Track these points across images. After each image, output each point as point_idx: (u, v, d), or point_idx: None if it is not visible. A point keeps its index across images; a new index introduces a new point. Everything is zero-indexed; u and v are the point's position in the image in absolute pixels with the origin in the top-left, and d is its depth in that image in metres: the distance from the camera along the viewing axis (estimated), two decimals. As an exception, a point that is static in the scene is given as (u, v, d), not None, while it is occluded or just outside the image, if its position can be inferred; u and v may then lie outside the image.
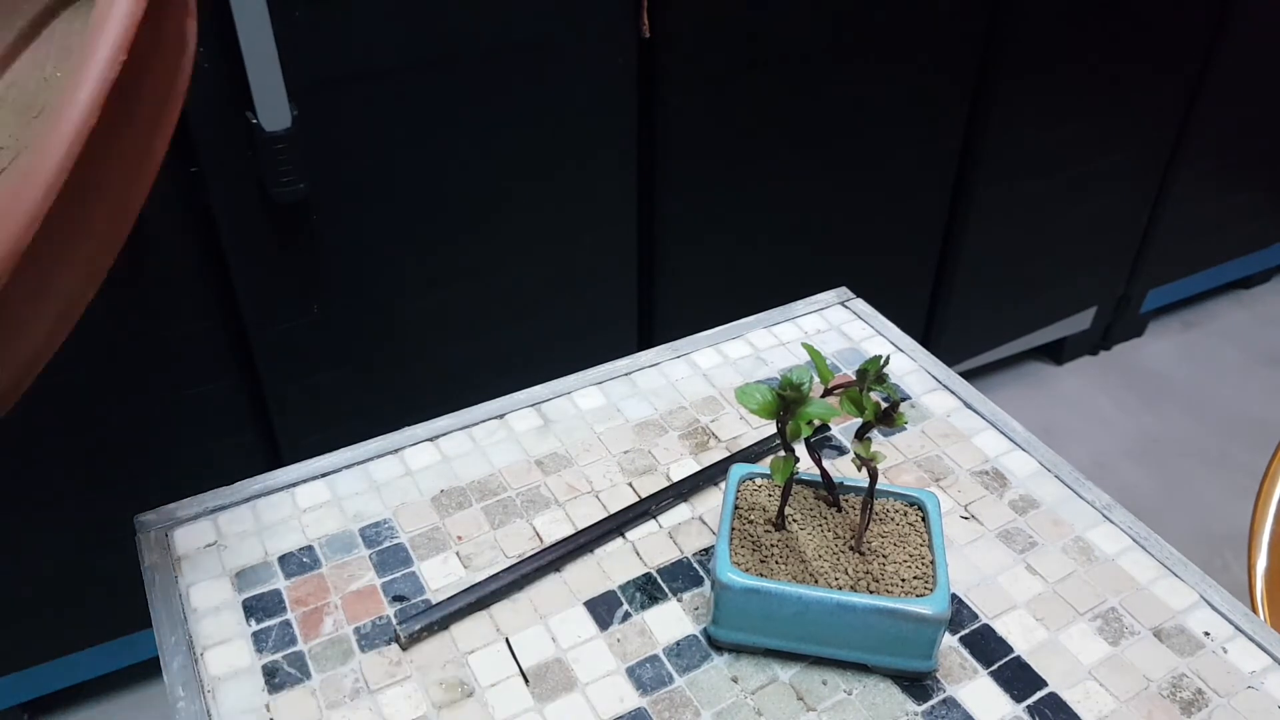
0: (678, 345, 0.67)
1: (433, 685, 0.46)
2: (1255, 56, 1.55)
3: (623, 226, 1.19)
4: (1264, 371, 1.80)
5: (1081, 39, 1.37)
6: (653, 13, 1.06)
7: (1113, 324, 1.80)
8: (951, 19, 1.25)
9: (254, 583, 0.51)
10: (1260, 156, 1.71)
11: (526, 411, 0.61)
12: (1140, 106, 1.50)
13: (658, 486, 0.57)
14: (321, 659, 0.47)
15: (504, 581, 0.50)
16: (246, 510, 0.55)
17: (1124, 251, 1.69)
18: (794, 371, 0.45)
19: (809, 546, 0.48)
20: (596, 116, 1.10)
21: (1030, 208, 1.49)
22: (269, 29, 0.88)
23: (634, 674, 0.47)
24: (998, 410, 0.62)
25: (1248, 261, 1.89)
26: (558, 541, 0.52)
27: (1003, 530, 0.54)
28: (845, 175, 1.30)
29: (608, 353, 0.67)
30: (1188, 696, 0.46)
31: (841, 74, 1.21)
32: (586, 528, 0.53)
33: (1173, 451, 1.64)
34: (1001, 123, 1.36)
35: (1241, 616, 0.50)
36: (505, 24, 0.99)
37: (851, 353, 0.66)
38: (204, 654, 0.47)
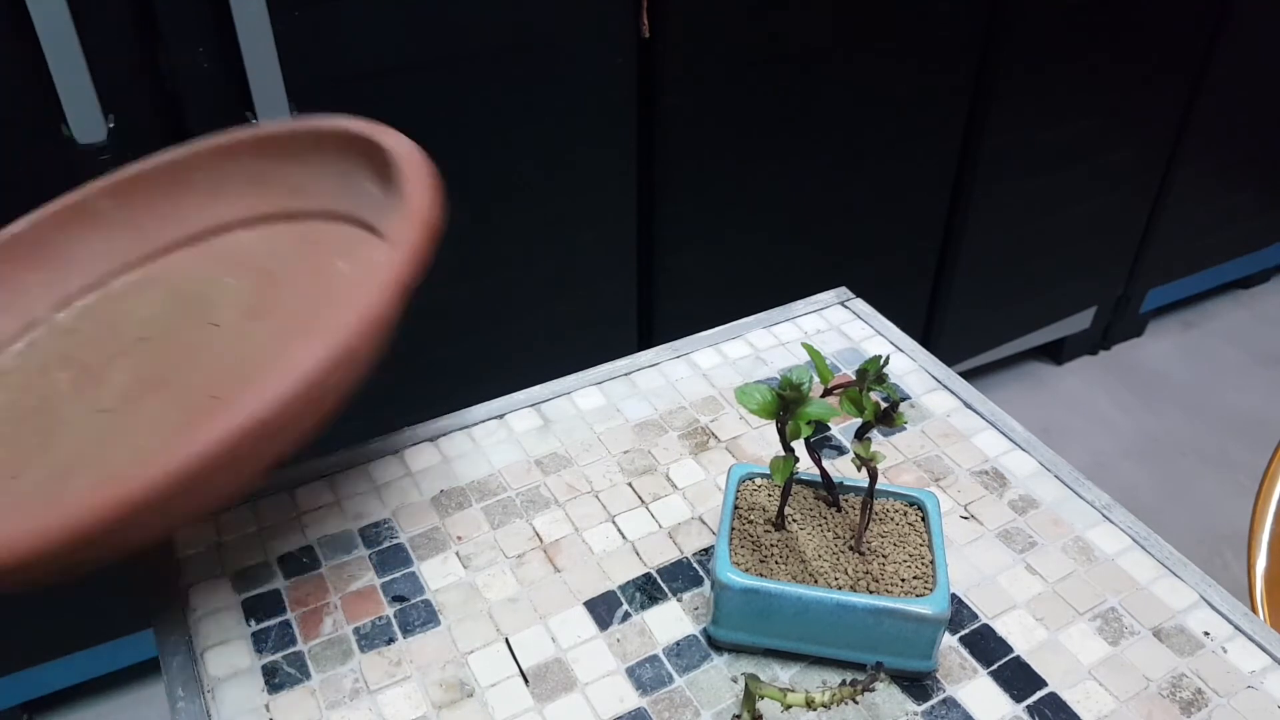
0: (677, 345, 0.67)
1: (433, 685, 0.46)
2: (1255, 56, 1.55)
3: (623, 226, 1.19)
4: (1264, 371, 1.80)
5: (1081, 39, 1.37)
6: (653, 12, 1.06)
7: (1112, 324, 1.80)
8: (951, 19, 1.25)
9: (254, 583, 0.51)
10: (1260, 156, 1.71)
11: (526, 411, 0.61)
12: (1140, 106, 1.50)
13: (658, 486, 0.57)
14: (321, 659, 0.47)
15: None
16: (246, 510, 0.55)
17: (1124, 251, 1.69)
18: (794, 371, 0.45)
19: (809, 546, 0.48)
20: (596, 116, 1.10)
21: (1030, 207, 1.49)
22: (269, 29, 0.88)
23: (634, 674, 0.47)
24: (997, 410, 0.62)
25: (1248, 261, 1.89)
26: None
27: (1002, 530, 0.54)
28: (845, 175, 1.30)
29: (608, 353, 0.67)
30: (1187, 696, 0.46)
31: (841, 74, 1.21)
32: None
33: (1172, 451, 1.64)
34: (1001, 123, 1.37)
35: (1241, 616, 0.50)
36: (505, 24, 1.00)
37: (851, 353, 0.66)
38: (204, 654, 0.47)
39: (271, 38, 0.88)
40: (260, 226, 0.58)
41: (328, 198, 0.57)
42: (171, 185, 0.59)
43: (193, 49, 0.89)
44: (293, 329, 0.51)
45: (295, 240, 0.57)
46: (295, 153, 0.57)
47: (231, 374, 0.50)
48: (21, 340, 0.57)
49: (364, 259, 0.53)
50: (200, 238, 0.59)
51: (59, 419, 0.51)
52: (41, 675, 1.18)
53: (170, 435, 0.47)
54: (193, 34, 0.89)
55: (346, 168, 0.55)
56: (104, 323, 0.57)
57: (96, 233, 0.58)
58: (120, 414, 0.50)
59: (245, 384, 0.46)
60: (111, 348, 0.55)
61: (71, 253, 0.58)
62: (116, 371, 0.53)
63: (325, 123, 0.56)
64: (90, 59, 0.85)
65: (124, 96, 0.89)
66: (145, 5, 0.87)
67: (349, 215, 0.56)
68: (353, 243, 0.55)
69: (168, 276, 0.58)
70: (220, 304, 0.55)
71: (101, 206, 0.58)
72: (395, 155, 0.50)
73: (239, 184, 0.58)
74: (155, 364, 0.53)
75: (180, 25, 0.88)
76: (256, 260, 0.57)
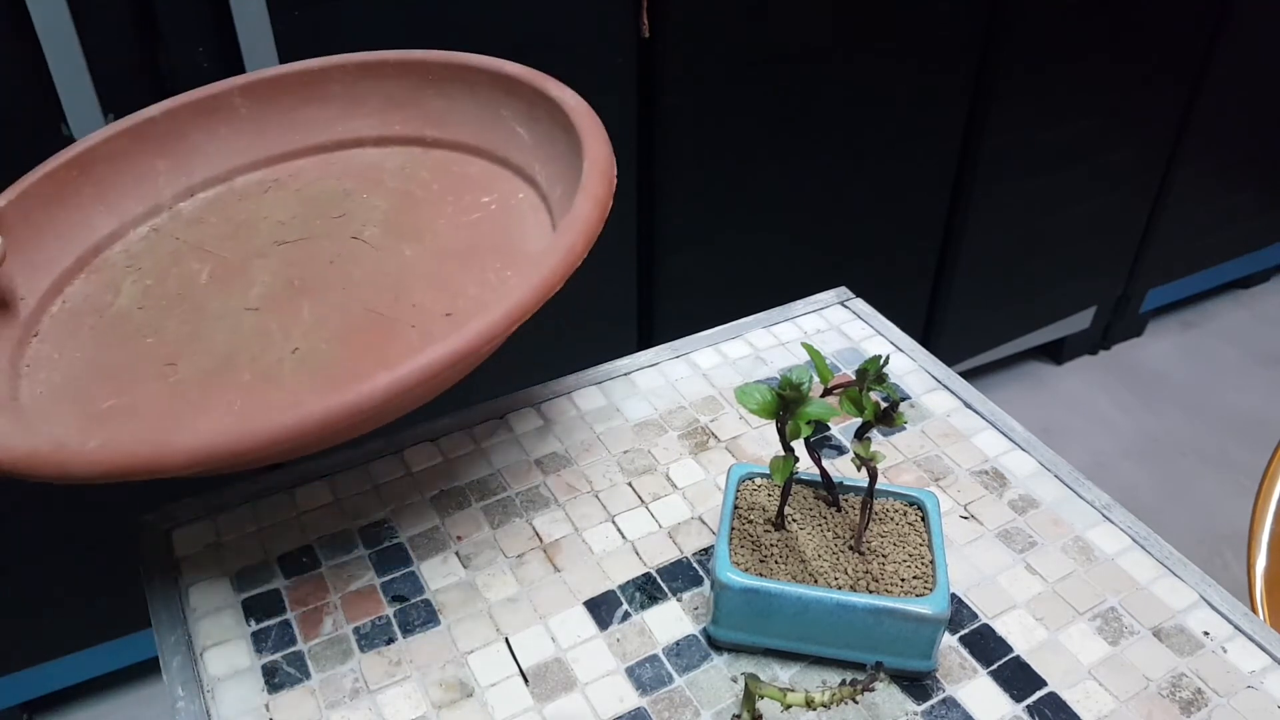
0: (677, 345, 0.67)
1: (432, 685, 0.46)
2: (1255, 57, 1.55)
3: (623, 226, 1.19)
4: (1264, 371, 1.80)
5: (1081, 38, 1.37)
6: (653, 12, 1.06)
7: (1112, 324, 1.80)
8: (951, 19, 1.25)
9: (254, 583, 0.51)
10: (1260, 156, 1.71)
11: (526, 411, 0.61)
12: (1140, 106, 1.50)
13: (658, 486, 0.57)
14: (321, 659, 0.47)
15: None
16: (246, 510, 0.55)
17: (1124, 251, 1.69)
18: (794, 371, 0.45)
19: (808, 546, 0.48)
20: (596, 116, 1.10)
21: (1030, 208, 1.49)
22: (269, 29, 0.88)
23: (634, 674, 0.47)
24: (997, 410, 0.62)
25: (1247, 261, 1.89)
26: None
27: (1002, 530, 0.54)
28: (845, 175, 1.30)
29: (608, 353, 0.67)
30: (1187, 696, 0.46)
31: (841, 74, 1.21)
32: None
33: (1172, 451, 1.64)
34: (1001, 123, 1.37)
35: (1241, 616, 0.50)
36: (505, 24, 1.00)
37: (851, 353, 0.66)
38: (204, 654, 0.47)
39: (271, 38, 0.88)
40: (392, 147, 0.60)
41: (469, 131, 0.58)
42: (308, 93, 0.60)
43: (192, 49, 0.89)
44: (450, 255, 0.52)
45: (431, 167, 0.58)
46: (439, 83, 0.58)
47: (390, 291, 0.51)
48: (146, 224, 0.58)
49: (512, 197, 0.55)
50: (329, 148, 0.60)
51: (206, 312, 0.52)
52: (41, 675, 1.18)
53: (336, 345, 0.48)
54: (193, 34, 0.89)
55: (495, 107, 0.57)
56: (234, 220, 0.57)
57: (227, 127, 0.59)
58: (272, 315, 0.51)
59: (409, 303, 0.49)
60: (248, 247, 0.55)
61: (200, 144, 0.59)
62: (258, 272, 0.54)
63: (478, 60, 0.57)
64: (90, 58, 0.85)
65: (124, 96, 0.89)
66: (145, 5, 0.87)
67: (491, 152, 0.57)
68: (494, 179, 0.56)
69: (295, 181, 0.59)
70: (360, 218, 0.56)
71: (236, 103, 0.59)
72: (569, 108, 0.52)
73: (376, 102, 0.60)
74: (298, 269, 0.53)
75: (180, 25, 0.88)
76: (390, 179, 0.58)
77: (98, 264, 0.56)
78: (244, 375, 0.48)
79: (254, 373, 0.48)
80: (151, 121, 0.58)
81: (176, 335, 0.51)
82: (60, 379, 0.49)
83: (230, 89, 0.59)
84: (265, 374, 0.47)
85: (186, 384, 0.48)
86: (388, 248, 0.54)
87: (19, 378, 0.49)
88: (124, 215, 0.57)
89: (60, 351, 0.51)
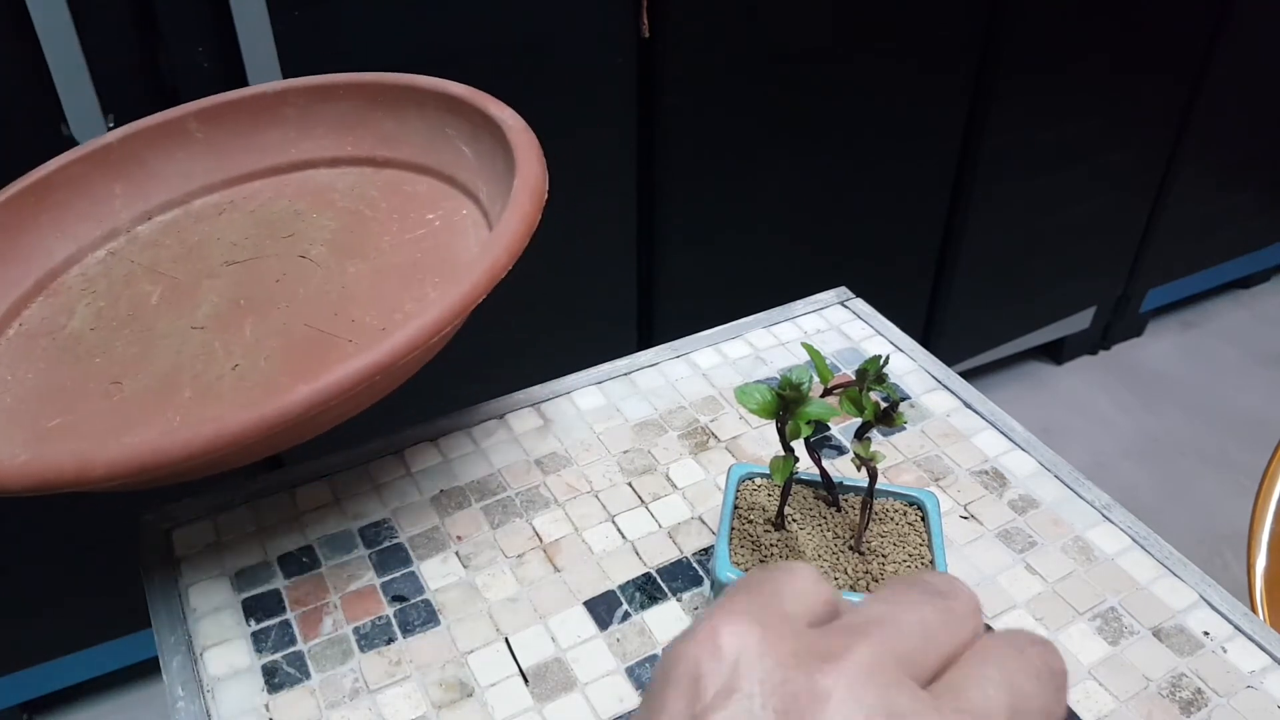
0: (677, 345, 0.67)
1: (432, 685, 0.46)
2: (1255, 56, 1.55)
3: (622, 226, 1.19)
4: (1264, 371, 1.80)
5: (1081, 38, 1.37)
6: (653, 12, 1.06)
7: (1112, 324, 1.80)
8: (951, 19, 1.25)
9: (253, 583, 0.51)
10: (1260, 156, 1.71)
11: (526, 411, 0.61)
12: (1140, 106, 1.50)
13: (658, 486, 0.57)
14: (321, 659, 0.47)
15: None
16: (246, 510, 0.55)
17: (1124, 251, 1.69)
18: (794, 371, 0.45)
19: (808, 546, 0.48)
20: (596, 116, 1.10)
21: (1030, 207, 1.49)
22: (269, 29, 0.88)
23: (633, 674, 0.47)
24: (997, 410, 0.62)
25: (1247, 261, 1.89)
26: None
27: (1002, 530, 0.54)
28: (845, 175, 1.31)
29: (608, 353, 0.67)
30: (1187, 696, 0.46)
31: (841, 74, 1.21)
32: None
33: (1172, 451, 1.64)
34: (1001, 123, 1.37)
35: (1241, 616, 0.50)
36: (505, 24, 1.00)
37: (851, 353, 0.66)
38: (203, 654, 0.47)
39: (271, 38, 0.88)
40: (344, 167, 0.61)
41: (417, 150, 0.60)
42: (262, 116, 0.61)
43: (192, 48, 0.89)
44: (392, 271, 0.54)
45: (380, 186, 0.60)
46: (389, 103, 0.60)
47: (331, 308, 0.52)
48: (103, 249, 0.59)
49: (456, 214, 0.56)
50: (283, 170, 0.62)
51: (154, 332, 0.53)
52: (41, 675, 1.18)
53: (275, 361, 0.50)
54: (192, 33, 0.89)
55: (441, 126, 0.58)
56: (188, 242, 0.59)
57: (183, 152, 0.61)
58: (216, 333, 0.52)
59: (348, 319, 0.51)
60: (199, 268, 0.57)
61: (157, 168, 0.60)
62: (207, 292, 0.55)
63: (426, 81, 0.59)
64: (90, 59, 0.85)
65: (124, 96, 0.89)
66: (145, 5, 0.87)
67: (437, 170, 0.59)
68: (440, 197, 0.58)
69: (250, 203, 0.61)
70: (308, 238, 0.57)
71: (191, 127, 0.60)
72: (507, 127, 0.53)
73: (330, 124, 0.61)
74: (246, 288, 0.55)
75: (180, 25, 0.88)
76: (341, 199, 0.60)
77: (55, 288, 0.57)
78: (185, 392, 0.49)
79: (195, 390, 0.49)
80: (108, 148, 0.59)
81: (124, 355, 0.52)
82: (11, 400, 0.50)
83: (185, 114, 0.60)
84: (205, 390, 0.48)
85: (129, 402, 0.49)
86: (332, 266, 0.55)
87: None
88: (81, 240, 0.58)
89: (13, 374, 0.52)
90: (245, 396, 0.48)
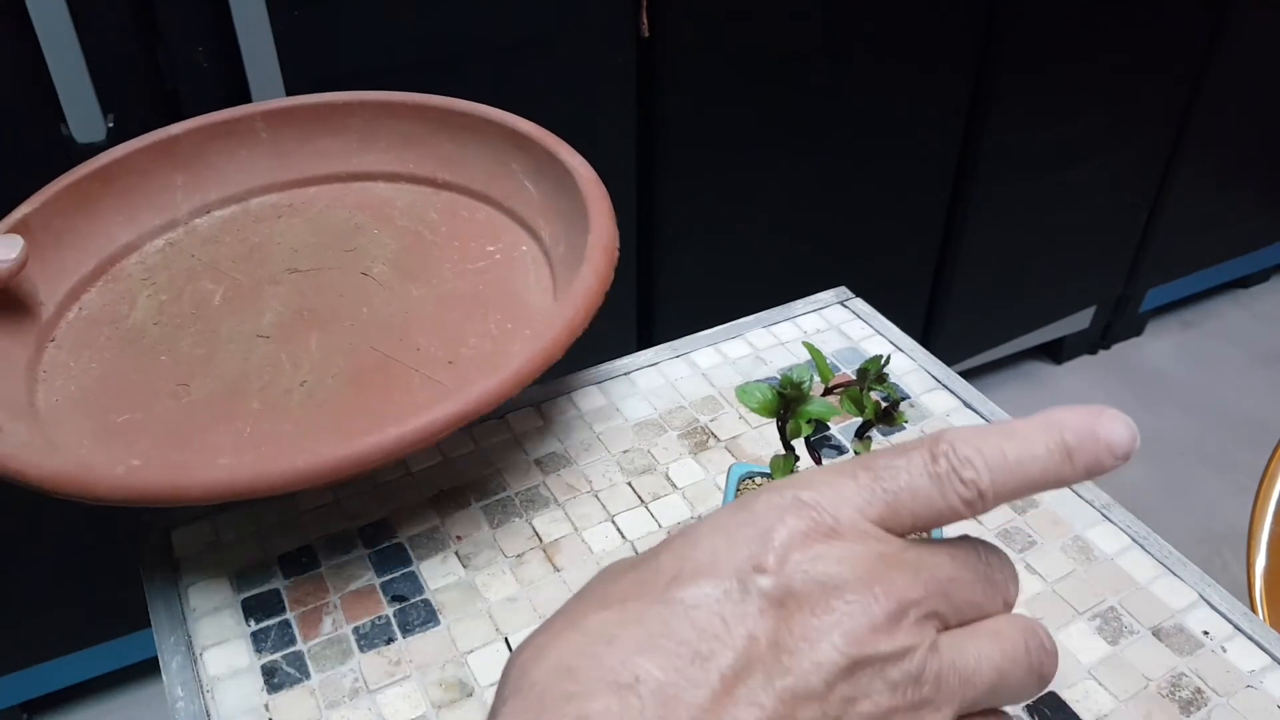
0: (677, 345, 0.67)
1: (432, 685, 0.46)
2: (1254, 56, 1.55)
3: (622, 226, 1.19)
4: (1264, 371, 1.80)
5: (1081, 38, 1.37)
6: (652, 12, 1.06)
7: (1112, 323, 1.81)
8: (951, 19, 1.25)
9: (253, 583, 0.51)
10: (1259, 156, 1.71)
11: (526, 411, 0.61)
12: (1140, 106, 1.50)
13: (657, 486, 0.57)
14: (321, 659, 0.47)
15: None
16: (246, 510, 0.55)
17: (1123, 251, 1.69)
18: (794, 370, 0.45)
19: (808, 546, 0.48)
20: (595, 116, 1.10)
21: (1030, 207, 1.49)
22: (268, 28, 0.88)
23: (633, 673, 0.47)
24: (997, 410, 0.62)
25: (1247, 261, 1.89)
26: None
27: (1002, 530, 0.54)
28: (845, 175, 1.31)
29: (608, 353, 0.67)
30: (1187, 696, 0.46)
31: (841, 73, 1.21)
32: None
33: (1172, 451, 1.64)
34: (1001, 122, 1.37)
35: (1241, 616, 0.50)
36: (504, 23, 1.00)
37: (851, 352, 0.66)
38: (203, 654, 0.47)
39: (271, 37, 0.88)
40: (402, 184, 0.62)
41: (478, 178, 0.61)
42: (327, 123, 0.62)
43: (192, 48, 0.89)
44: (454, 300, 0.55)
45: (439, 208, 0.61)
46: (454, 128, 0.61)
47: (395, 331, 0.53)
48: (161, 238, 0.59)
49: (516, 249, 0.57)
50: (342, 179, 0.63)
51: (219, 334, 0.54)
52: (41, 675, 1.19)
53: (342, 381, 0.51)
54: (192, 33, 0.89)
55: (505, 159, 0.59)
56: (249, 242, 0.59)
57: (246, 150, 0.62)
58: (282, 344, 0.53)
59: (413, 346, 0.52)
60: (261, 272, 0.57)
61: (219, 163, 0.61)
62: (270, 299, 0.56)
63: (494, 113, 0.60)
64: (89, 58, 0.85)
65: (123, 95, 0.89)
66: (145, 4, 0.87)
67: (498, 202, 0.60)
68: (499, 228, 0.59)
69: (308, 209, 0.61)
70: (370, 254, 0.58)
71: (257, 126, 0.61)
72: (579, 176, 0.55)
73: (392, 139, 0.62)
74: (309, 299, 0.55)
75: (179, 24, 0.88)
76: (400, 217, 0.60)
77: (114, 274, 0.57)
78: (253, 403, 0.50)
79: (263, 401, 0.49)
80: (174, 139, 0.60)
81: (190, 355, 0.52)
82: (75, 389, 0.50)
83: (253, 113, 0.61)
84: (273, 404, 0.49)
85: (197, 406, 0.50)
86: (395, 287, 0.56)
87: (36, 383, 0.50)
88: (141, 228, 0.59)
89: (76, 360, 0.52)
90: (314, 416, 0.48)
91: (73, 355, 0.52)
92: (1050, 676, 0.27)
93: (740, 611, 0.24)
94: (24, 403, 0.48)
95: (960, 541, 0.28)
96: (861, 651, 0.24)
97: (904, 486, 0.26)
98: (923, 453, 0.26)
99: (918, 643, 0.25)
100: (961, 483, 0.26)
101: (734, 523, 0.26)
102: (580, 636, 0.25)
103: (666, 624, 0.24)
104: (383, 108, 0.61)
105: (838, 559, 0.25)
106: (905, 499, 0.26)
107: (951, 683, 0.25)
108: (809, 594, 0.25)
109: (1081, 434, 0.27)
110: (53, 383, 0.51)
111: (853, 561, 0.25)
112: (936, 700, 0.25)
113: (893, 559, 0.26)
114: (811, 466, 0.50)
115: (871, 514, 0.26)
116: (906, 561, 0.26)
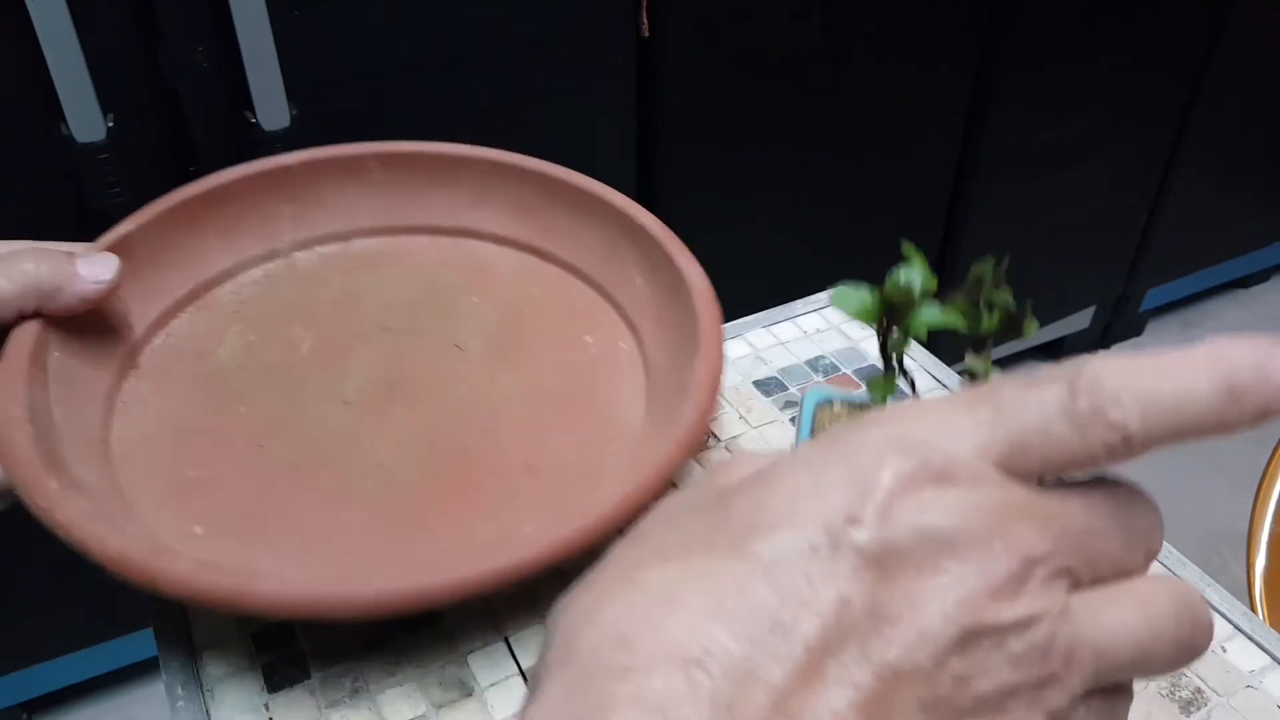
0: (677, 345, 0.67)
1: (432, 685, 0.46)
2: (1254, 56, 1.55)
3: (622, 226, 1.19)
4: (1263, 371, 1.80)
5: (1081, 38, 1.37)
6: (652, 12, 1.06)
7: (1112, 323, 1.81)
8: (951, 19, 1.25)
9: (253, 582, 0.51)
10: (1259, 156, 1.71)
11: (526, 411, 0.61)
12: (1140, 106, 1.50)
13: (657, 486, 0.56)
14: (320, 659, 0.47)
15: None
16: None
17: (1123, 251, 1.69)
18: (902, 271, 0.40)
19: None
20: (595, 116, 1.10)
21: (1030, 207, 1.49)
22: (268, 28, 0.88)
23: (633, 673, 0.47)
24: (997, 410, 0.62)
25: (1247, 261, 1.90)
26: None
27: (1002, 530, 0.54)
28: (845, 175, 1.31)
29: (607, 352, 0.67)
30: (1186, 696, 0.46)
31: (840, 73, 1.22)
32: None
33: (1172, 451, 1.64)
34: (1001, 122, 1.37)
35: (1240, 615, 0.49)
36: (504, 23, 1.00)
37: (851, 352, 0.66)
38: (203, 653, 0.47)
39: (271, 37, 0.88)
40: (508, 248, 0.60)
41: (586, 259, 0.58)
42: (441, 174, 0.60)
43: (192, 48, 0.89)
44: (543, 396, 0.52)
45: (543, 283, 0.58)
46: (571, 202, 0.58)
47: (481, 423, 0.50)
48: (259, 268, 0.57)
49: (613, 344, 0.54)
50: (448, 233, 0.60)
51: (303, 391, 0.51)
52: (41, 675, 1.19)
53: (419, 474, 0.48)
54: (192, 33, 0.89)
55: (618, 246, 0.57)
56: (345, 289, 0.57)
57: (356, 189, 0.60)
58: (363, 415, 0.51)
59: (496, 442, 0.49)
60: (353, 327, 0.55)
61: (328, 198, 0.59)
62: (359, 360, 0.53)
63: (614, 196, 0.57)
64: (89, 58, 0.85)
65: (123, 95, 0.89)
66: (144, 4, 0.87)
67: (603, 287, 0.57)
68: (599, 315, 0.56)
69: (410, 259, 0.59)
70: (465, 323, 0.56)
71: (371, 166, 0.59)
72: (694, 288, 0.52)
73: (504, 202, 0.60)
74: (397, 367, 0.53)
75: (179, 24, 0.88)
76: (501, 287, 0.58)
77: (206, 301, 0.55)
78: (324, 477, 0.48)
79: (335, 479, 0.48)
80: (287, 169, 0.58)
81: (270, 411, 0.50)
82: (151, 428, 0.48)
83: (368, 154, 0.59)
84: (347, 485, 0.47)
85: (270, 471, 0.48)
86: (485, 369, 0.53)
87: (113, 415, 0.48)
88: (241, 254, 0.57)
89: (156, 394, 0.50)
90: (387, 507, 0.46)
91: (153, 388, 0.50)
92: (1201, 653, 0.23)
93: (830, 570, 0.20)
94: (98, 439, 0.46)
95: (1095, 485, 0.23)
96: (978, 620, 0.20)
97: (1034, 425, 0.22)
98: (1059, 386, 0.22)
99: (1046, 609, 0.21)
100: (1106, 425, 0.22)
101: (822, 462, 0.22)
102: (638, 595, 0.22)
103: (740, 584, 0.20)
104: (501, 169, 0.59)
105: (950, 509, 0.21)
106: (1035, 440, 0.22)
107: (1084, 656, 0.21)
108: (915, 551, 0.21)
109: (1253, 371, 0.21)
110: (129, 415, 0.48)
111: (969, 512, 0.21)
112: (1065, 677, 0.21)
113: (1016, 509, 0.21)
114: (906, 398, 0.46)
115: (992, 456, 0.22)
116: (1033, 511, 0.22)
